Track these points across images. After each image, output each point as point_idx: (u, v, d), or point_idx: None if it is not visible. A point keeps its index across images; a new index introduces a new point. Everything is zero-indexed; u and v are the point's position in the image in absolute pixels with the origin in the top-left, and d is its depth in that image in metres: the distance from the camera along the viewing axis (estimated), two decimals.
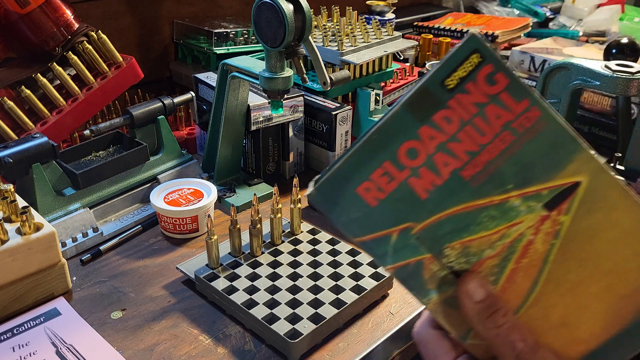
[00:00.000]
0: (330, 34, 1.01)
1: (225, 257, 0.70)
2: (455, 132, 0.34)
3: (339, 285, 0.66)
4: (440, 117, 0.34)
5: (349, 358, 0.60)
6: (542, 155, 0.34)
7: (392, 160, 0.34)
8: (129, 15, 1.11)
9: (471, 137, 0.34)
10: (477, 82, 0.33)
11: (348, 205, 0.35)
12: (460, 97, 0.33)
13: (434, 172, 0.34)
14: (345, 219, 0.36)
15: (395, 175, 0.35)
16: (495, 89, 0.33)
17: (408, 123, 0.34)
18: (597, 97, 1.07)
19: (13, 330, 0.62)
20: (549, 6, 1.76)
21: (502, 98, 0.33)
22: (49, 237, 0.64)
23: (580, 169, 0.34)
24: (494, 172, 0.34)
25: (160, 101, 0.88)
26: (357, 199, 0.35)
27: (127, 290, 0.69)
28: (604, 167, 0.35)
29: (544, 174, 0.34)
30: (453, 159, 0.34)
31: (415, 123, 0.34)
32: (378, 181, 0.35)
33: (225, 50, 1.10)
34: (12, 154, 0.72)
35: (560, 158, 0.34)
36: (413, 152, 0.34)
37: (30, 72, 0.88)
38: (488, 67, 0.33)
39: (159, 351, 0.60)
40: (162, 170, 0.88)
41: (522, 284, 0.36)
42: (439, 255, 0.36)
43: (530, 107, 0.34)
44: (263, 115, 0.88)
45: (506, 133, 0.34)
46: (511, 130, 0.34)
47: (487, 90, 0.33)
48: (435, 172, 0.34)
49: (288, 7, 0.69)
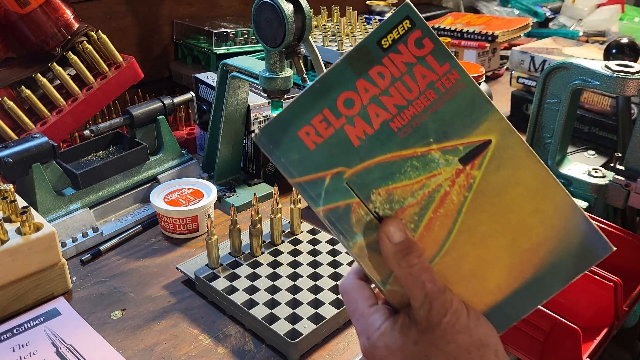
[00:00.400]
0: (330, 34, 1.01)
1: (225, 257, 0.70)
2: (387, 86, 0.39)
3: (339, 285, 0.66)
4: (375, 72, 0.39)
5: (349, 358, 0.60)
6: (460, 113, 0.39)
7: (330, 108, 0.39)
8: (129, 15, 1.11)
9: (400, 92, 0.39)
10: (408, 44, 0.39)
11: (289, 147, 0.39)
12: (393, 56, 0.38)
13: (366, 122, 0.39)
14: (285, 160, 0.40)
15: (333, 122, 0.39)
16: (422, 51, 0.39)
17: (347, 75, 0.39)
18: (597, 97, 1.07)
19: (13, 330, 0.62)
20: (549, 6, 1.76)
21: (428, 60, 0.39)
22: (49, 237, 0.64)
23: (491, 129, 0.39)
24: (419, 126, 0.39)
25: (160, 101, 0.88)
26: (298, 142, 0.39)
27: (127, 290, 0.69)
28: (511, 128, 0.39)
29: (460, 131, 0.39)
30: (384, 111, 0.39)
31: (353, 75, 0.39)
32: (317, 126, 0.39)
33: (225, 50, 1.10)
34: (12, 154, 0.72)
35: (475, 117, 0.39)
36: (350, 102, 0.39)
37: (30, 72, 0.88)
38: (417, 32, 0.38)
39: (159, 351, 0.60)
40: (162, 170, 0.88)
41: (439, 233, 0.40)
42: (366, 200, 0.39)
43: (451, 69, 0.39)
44: (263, 115, 0.88)
45: (430, 91, 0.39)
46: (434, 89, 0.39)
47: (415, 52, 0.39)
48: (368, 122, 0.39)
49: (288, 7, 0.69)
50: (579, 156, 1.04)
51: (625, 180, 0.81)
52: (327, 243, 0.74)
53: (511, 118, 1.21)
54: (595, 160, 1.03)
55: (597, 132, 1.08)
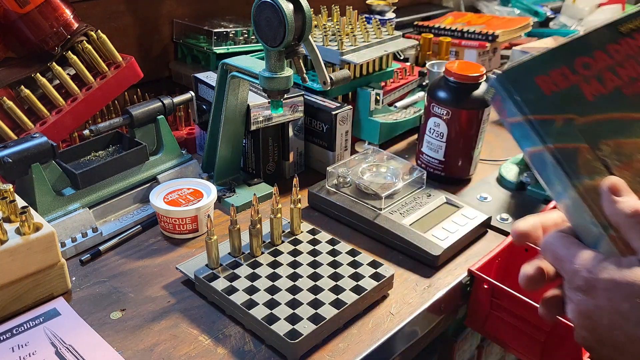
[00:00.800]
0: (331, 34, 1.01)
1: (225, 257, 0.70)
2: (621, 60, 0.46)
3: (338, 285, 0.66)
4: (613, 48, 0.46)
5: (349, 358, 0.60)
6: None
7: (568, 66, 0.45)
8: (129, 15, 1.11)
9: (633, 67, 0.46)
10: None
11: (525, 88, 0.44)
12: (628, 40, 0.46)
13: (601, 84, 0.45)
14: (519, 98, 0.44)
15: (570, 77, 0.45)
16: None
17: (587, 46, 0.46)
18: None
19: (12, 330, 0.62)
20: (549, 6, 1.76)
21: None
22: (48, 237, 0.64)
23: None
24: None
25: (160, 101, 0.88)
26: (535, 86, 0.44)
27: (126, 291, 0.69)
28: None
29: None
30: (617, 78, 0.45)
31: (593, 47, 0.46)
32: (555, 78, 0.45)
33: (225, 49, 1.10)
34: (12, 154, 0.72)
35: None
36: (587, 65, 0.45)
37: (30, 72, 0.88)
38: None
39: (159, 351, 0.60)
40: (162, 170, 0.88)
41: None
42: (595, 148, 0.44)
43: None
44: (263, 115, 0.88)
45: None
46: None
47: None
48: (602, 84, 0.45)
49: (288, 7, 0.69)
50: None
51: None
52: (327, 243, 0.74)
53: None
54: None
55: None
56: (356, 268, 0.69)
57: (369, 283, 0.66)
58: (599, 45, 0.46)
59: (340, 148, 0.94)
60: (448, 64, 0.88)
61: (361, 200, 0.82)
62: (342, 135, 0.93)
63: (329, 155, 0.94)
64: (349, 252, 0.72)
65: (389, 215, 0.79)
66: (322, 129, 0.93)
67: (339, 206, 0.82)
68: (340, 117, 0.91)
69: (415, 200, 0.83)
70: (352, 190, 0.84)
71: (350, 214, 0.81)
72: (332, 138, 0.92)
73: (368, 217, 0.79)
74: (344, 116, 0.92)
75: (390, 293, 0.70)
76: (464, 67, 0.87)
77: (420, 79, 1.18)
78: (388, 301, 0.68)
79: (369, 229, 0.79)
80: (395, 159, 0.89)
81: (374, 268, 0.69)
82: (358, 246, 0.76)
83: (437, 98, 0.88)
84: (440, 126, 0.89)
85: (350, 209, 0.81)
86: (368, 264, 0.70)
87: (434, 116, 0.89)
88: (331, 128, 0.92)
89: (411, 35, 1.46)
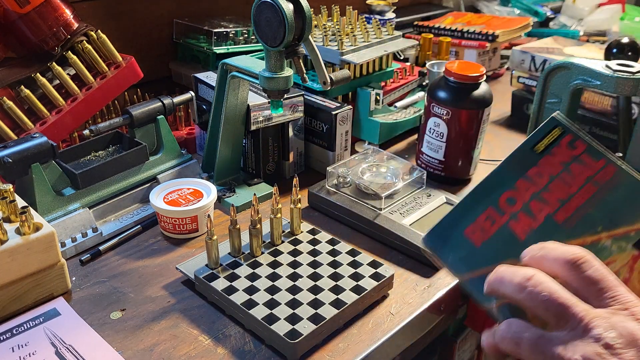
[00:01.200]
0: (331, 34, 1.01)
1: (224, 257, 0.70)
2: (546, 183, 0.42)
3: (339, 285, 0.66)
4: (533, 172, 0.42)
5: (349, 358, 0.60)
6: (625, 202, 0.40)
7: (494, 206, 0.42)
8: (128, 15, 1.11)
9: (560, 188, 0.42)
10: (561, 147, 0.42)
11: (456, 245, 0.42)
12: (548, 158, 0.42)
13: (530, 217, 0.42)
14: (453, 257, 0.43)
15: (497, 219, 0.42)
16: (576, 152, 0.42)
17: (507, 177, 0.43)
18: (597, 97, 1.07)
19: (12, 330, 0.62)
20: (549, 6, 1.76)
21: (583, 158, 0.42)
22: (48, 237, 0.64)
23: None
24: (584, 216, 0.41)
25: (160, 101, 0.88)
26: (464, 240, 0.42)
27: (126, 291, 0.69)
28: None
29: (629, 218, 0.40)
30: (546, 205, 0.42)
31: (513, 177, 0.43)
32: (483, 224, 0.42)
33: (225, 49, 1.10)
34: (12, 154, 0.72)
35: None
36: (512, 200, 0.42)
37: (30, 72, 0.88)
38: (569, 137, 0.42)
39: (159, 351, 0.60)
40: (162, 170, 0.88)
41: None
42: None
43: (607, 165, 0.41)
44: (263, 115, 0.88)
45: (589, 185, 0.41)
46: (593, 182, 0.41)
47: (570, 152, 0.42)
48: (532, 217, 0.42)
49: (288, 7, 0.69)
50: None
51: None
52: (327, 243, 0.74)
53: (512, 118, 1.21)
54: None
55: (598, 132, 1.08)
56: (356, 268, 0.69)
57: (369, 283, 0.66)
58: (518, 173, 0.43)
59: (340, 148, 0.94)
60: (448, 64, 0.88)
61: (361, 200, 0.82)
62: (342, 135, 0.93)
63: (329, 155, 0.94)
64: (349, 252, 0.72)
65: (389, 215, 0.79)
66: (322, 129, 0.93)
67: (339, 206, 0.82)
68: (340, 117, 0.91)
69: (415, 200, 0.83)
70: (352, 190, 0.84)
71: (350, 214, 0.81)
72: (332, 138, 0.92)
73: (368, 217, 0.79)
74: (344, 116, 0.92)
75: (390, 293, 0.70)
76: (464, 67, 0.87)
77: (420, 79, 1.18)
78: (388, 301, 0.68)
79: (369, 229, 0.79)
80: (395, 159, 0.89)
81: (374, 268, 0.69)
82: (358, 246, 0.76)
83: (437, 98, 0.88)
84: (440, 126, 0.89)
85: (350, 209, 0.81)
86: (368, 264, 0.70)
87: (434, 116, 0.89)
88: (331, 128, 0.92)
89: (411, 35, 1.46)
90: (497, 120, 1.21)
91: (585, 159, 0.42)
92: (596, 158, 0.42)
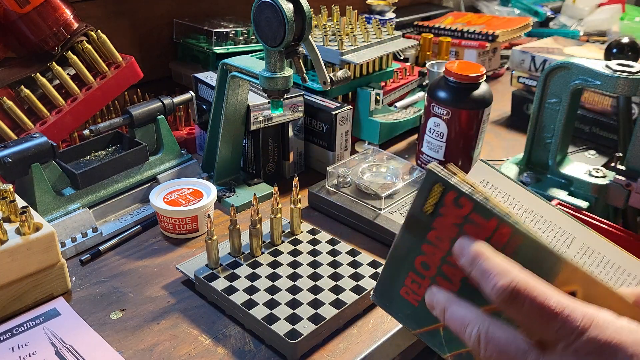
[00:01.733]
0: (331, 34, 1.01)
1: (224, 257, 0.70)
2: (449, 248, 0.38)
3: (339, 285, 0.66)
4: (433, 236, 0.39)
5: (349, 358, 0.60)
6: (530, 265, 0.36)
7: (413, 271, 0.41)
8: (128, 15, 1.11)
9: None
10: (447, 206, 0.38)
11: (400, 304, 0.42)
12: (440, 220, 0.38)
13: (447, 281, 0.39)
14: (401, 315, 0.42)
15: (421, 282, 0.40)
16: (464, 211, 0.37)
17: (413, 242, 0.40)
18: (597, 97, 1.07)
19: (12, 330, 0.62)
20: (549, 6, 1.76)
21: (473, 218, 0.37)
22: (48, 237, 0.64)
23: (569, 279, 0.36)
24: None
25: (160, 101, 0.88)
26: (403, 300, 0.41)
27: (126, 291, 0.69)
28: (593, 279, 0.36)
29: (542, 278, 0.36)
30: (457, 269, 0.38)
31: (417, 242, 0.40)
32: (411, 287, 0.41)
33: (225, 49, 1.10)
34: (12, 154, 0.72)
35: (547, 268, 0.37)
36: (425, 265, 0.40)
37: (30, 72, 0.88)
38: (452, 194, 0.37)
39: (159, 351, 0.60)
40: (162, 170, 0.88)
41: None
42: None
43: (499, 224, 0.37)
44: (263, 115, 0.88)
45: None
46: (493, 244, 0.37)
47: (458, 212, 0.38)
48: (449, 281, 0.39)
49: (288, 7, 0.69)
50: (579, 156, 1.04)
51: (625, 180, 0.81)
52: (327, 243, 0.74)
53: (512, 118, 1.21)
54: (596, 160, 1.03)
55: (598, 132, 1.08)
56: (356, 268, 0.69)
57: (369, 283, 0.66)
58: (421, 237, 0.39)
59: (340, 148, 0.94)
60: (448, 64, 0.88)
61: (361, 200, 0.82)
62: (342, 135, 0.93)
63: (329, 155, 0.94)
64: (349, 252, 0.72)
65: (389, 215, 0.79)
66: (322, 129, 0.93)
67: (339, 206, 0.82)
68: (340, 117, 0.91)
69: None
70: (352, 190, 0.84)
71: (350, 214, 0.81)
72: (332, 138, 0.92)
73: (368, 217, 0.79)
74: (344, 116, 0.92)
75: None
76: (464, 67, 0.87)
77: (420, 79, 1.18)
78: None
79: (369, 229, 0.79)
80: (395, 159, 0.89)
81: (374, 268, 0.69)
82: (358, 246, 0.76)
83: (437, 98, 0.88)
84: (440, 126, 0.89)
85: (350, 209, 0.81)
86: (368, 264, 0.70)
87: (434, 116, 0.89)
88: (331, 128, 0.92)
89: (411, 35, 1.46)
90: (497, 120, 1.21)
91: (475, 219, 0.37)
92: (487, 218, 0.37)
